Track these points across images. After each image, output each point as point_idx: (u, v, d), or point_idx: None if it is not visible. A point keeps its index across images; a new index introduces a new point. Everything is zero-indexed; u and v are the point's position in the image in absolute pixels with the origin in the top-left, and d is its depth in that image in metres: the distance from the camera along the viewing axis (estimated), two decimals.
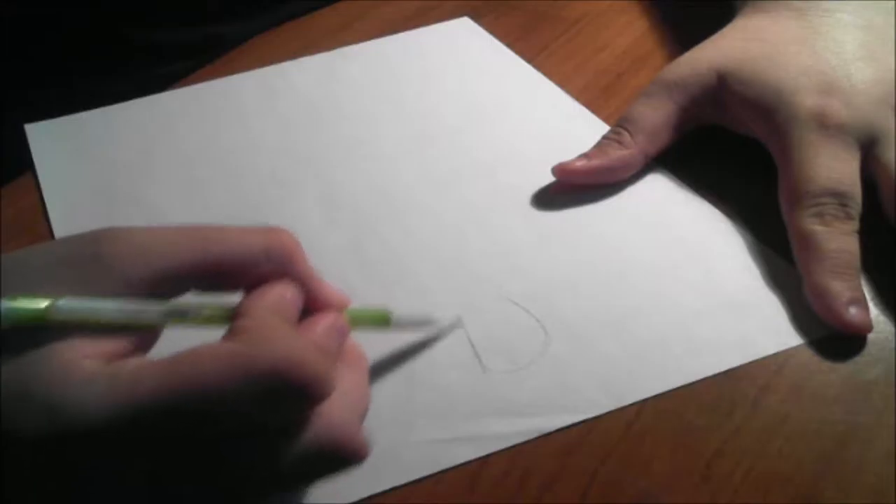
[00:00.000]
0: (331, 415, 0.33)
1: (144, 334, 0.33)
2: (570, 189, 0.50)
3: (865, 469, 0.38)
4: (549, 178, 0.51)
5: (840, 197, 0.44)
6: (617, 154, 0.50)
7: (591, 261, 0.47)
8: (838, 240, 0.44)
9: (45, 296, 0.31)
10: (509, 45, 0.63)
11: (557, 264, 0.47)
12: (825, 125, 0.46)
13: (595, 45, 0.63)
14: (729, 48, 0.51)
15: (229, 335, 0.32)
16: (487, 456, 0.39)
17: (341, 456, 0.33)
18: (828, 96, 0.47)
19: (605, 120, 0.56)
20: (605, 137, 0.51)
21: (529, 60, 0.61)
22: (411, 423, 0.40)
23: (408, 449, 0.39)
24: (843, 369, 0.41)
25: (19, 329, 0.31)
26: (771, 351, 0.42)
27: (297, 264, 0.36)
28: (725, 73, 0.50)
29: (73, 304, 0.31)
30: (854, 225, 0.44)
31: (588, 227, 0.49)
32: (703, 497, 0.37)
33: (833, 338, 0.42)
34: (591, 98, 0.58)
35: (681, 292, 0.45)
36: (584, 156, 0.51)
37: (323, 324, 0.36)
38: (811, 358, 0.42)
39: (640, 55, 0.61)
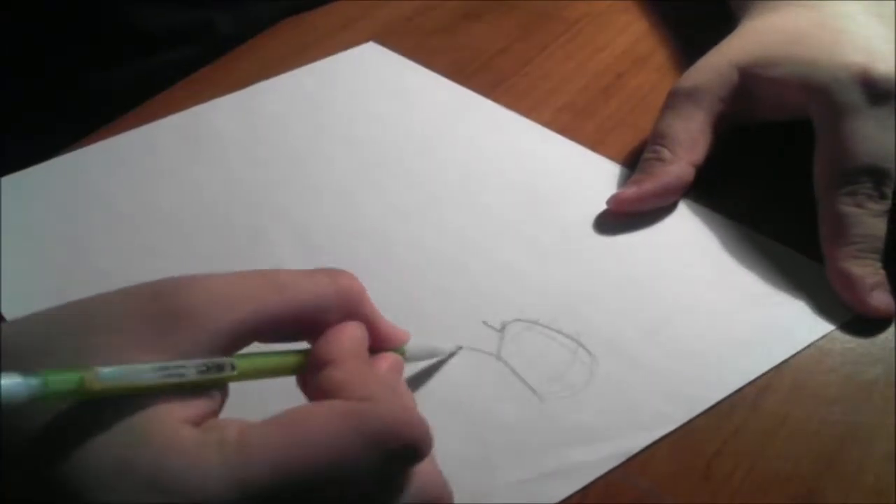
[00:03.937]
0: (425, 470, 0.32)
1: (223, 391, 0.32)
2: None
3: (865, 469, 0.38)
4: (523, 193, 0.50)
5: (877, 175, 0.44)
6: (665, 170, 0.48)
7: (603, 273, 0.46)
8: (867, 223, 0.44)
9: (78, 367, 0.28)
10: (509, 45, 0.63)
11: (571, 282, 0.46)
12: (869, 85, 0.44)
13: (595, 45, 0.63)
14: (746, 44, 0.50)
15: (326, 390, 0.31)
16: None
17: None
18: (869, 55, 0.45)
19: (606, 121, 0.56)
20: (644, 160, 0.50)
21: (530, 60, 0.61)
22: (492, 465, 0.39)
23: (499, 492, 0.38)
24: (843, 369, 0.41)
25: (104, 398, 0.28)
26: (810, 340, 0.43)
27: (365, 306, 0.35)
28: (748, 65, 0.48)
29: (115, 372, 0.28)
30: (886, 205, 0.44)
31: (586, 240, 0.48)
32: (703, 497, 0.37)
33: (834, 338, 0.43)
34: (591, 98, 0.58)
35: (703, 295, 0.45)
36: (633, 182, 0.49)
37: (386, 365, 0.35)
38: (811, 358, 0.42)
39: (640, 55, 0.61)
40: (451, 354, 0.43)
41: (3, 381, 0.26)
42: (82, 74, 0.63)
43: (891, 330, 0.43)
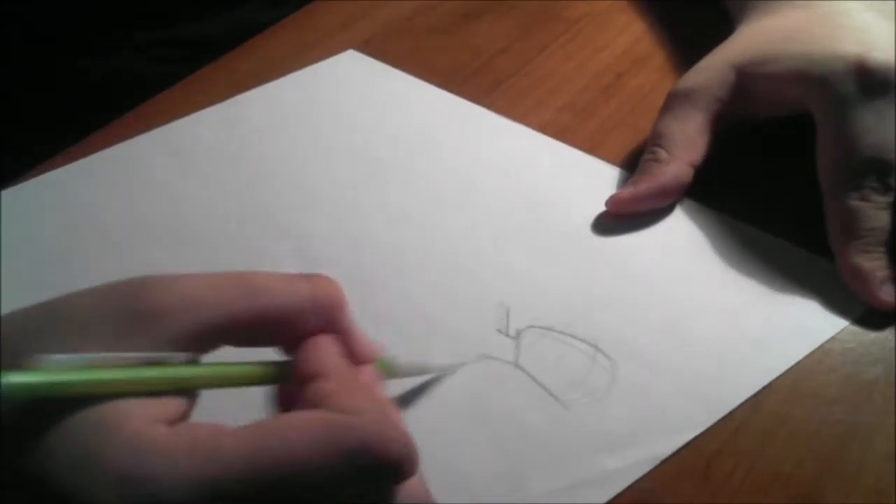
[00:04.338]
0: (411, 487, 0.31)
1: (192, 397, 0.31)
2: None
3: (865, 469, 0.38)
4: (523, 199, 0.50)
5: (881, 167, 0.44)
6: (661, 171, 0.48)
7: (612, 277, 0.46)
8: (874, 217, 0.44)
9: (37, 369, 0.28)
10: (509, 45, 0.63)
11: (581, 286, 0.45)
12: (866, 75, 0.44)
13: (595, 45, 0.63)
14: (742, 45, 0.50)
15: (313, 401, 0.30)
16: None
17: None
18: (865, 46, 0.45)
19: (606, 121, 0.56)
20: (642, 161, 0.50)
21: (530, 60, 0.61)
22: (523, 476, 0.38)
23: (562, 495, 0.38)
24: (843, 369, 0.41)
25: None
26: (826, 336, 0.43)
27: (343, 315, 0.34)
28: (745, 63, 0.48)
29: (62, 360, 0.28)
30: (891, 196, 0.44)
31: (592, 243, 0.48)
32: (703, 497, 0.37)
33: (834, 337, 0.43)
34: (591, 98, 0.58)
35: (716, 295, 0.45)
36: (630, 182, 0.49)
37: (365, 376, 0.34)
38: (811, 358, 0.42)
39: (640, 55, 0.61)
40: (448, 371, 0.42)
41: None
42: (82, 74, 0.63)
43: (891, 330, 0.43)
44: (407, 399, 0.41)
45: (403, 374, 0.39)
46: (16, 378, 0.28)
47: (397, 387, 0.41)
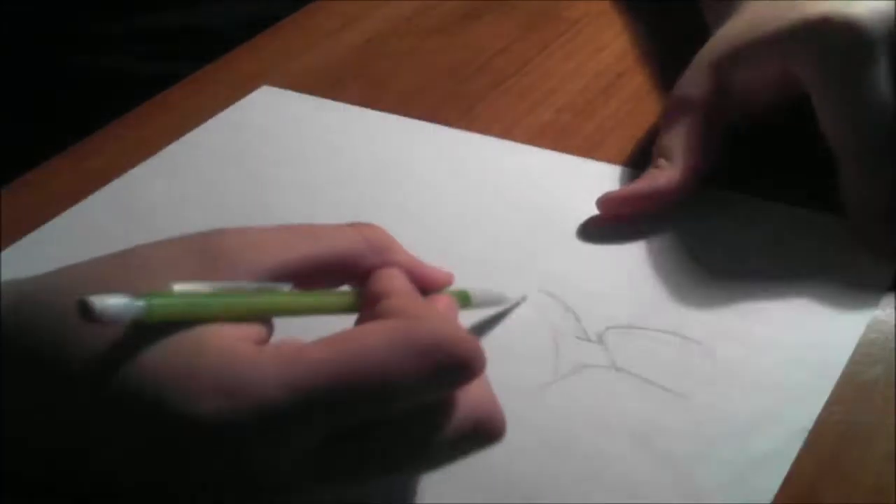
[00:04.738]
0: (477, 392, 0.33)
1: (269, 325, 0.34)
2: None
3: (865, 469, 0.38)
4: (527, 209, 0.50)
5: (888, 129, 0.44)
6: (661, 174, 0.48)
7: (653, 267, 0.46)
8: (882, 186, 0.45)
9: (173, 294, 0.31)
10: (509, 45, 0.63)
11: (636, 283, 0.45)
12: (832, 30, 0.44)
13: (595, 45, 0.63)
14: (715, 44, 0.50)
15: (383, 315, 0.33)
16: None
17: (487, 433, 0.33)
18: (829, 5, 0.45)
19: (606, 121, 0.56)
20: (645, 172, 0.49)
21: (530, 60, 0.61)
22: (686, 476, 0.37)
23: (735, 486, 0.36)
24: (843, 369, 0.41)
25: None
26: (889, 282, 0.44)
27: (397, 252, 0.37)
28: (720, 59, 0.49)
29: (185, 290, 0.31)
30: None
31: (613, 240, 0.48)
32: None
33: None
34: (591, 98, 0.58)
35: (772, 267, 0.45)
36: (629, 184, 0.49)
37: (441, 305, 0.37)
38: None
39: (640, 56, 0.61)
40: (517, 303, 0.44)
41: (112, 301, 0.28)
42: (81, 73, 0.63)
43: (891, 330, 0.43)
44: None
45: (478, 304, 0.41)
46: (158, 300, 0.30)
47: None
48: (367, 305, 0.34)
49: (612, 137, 0.55)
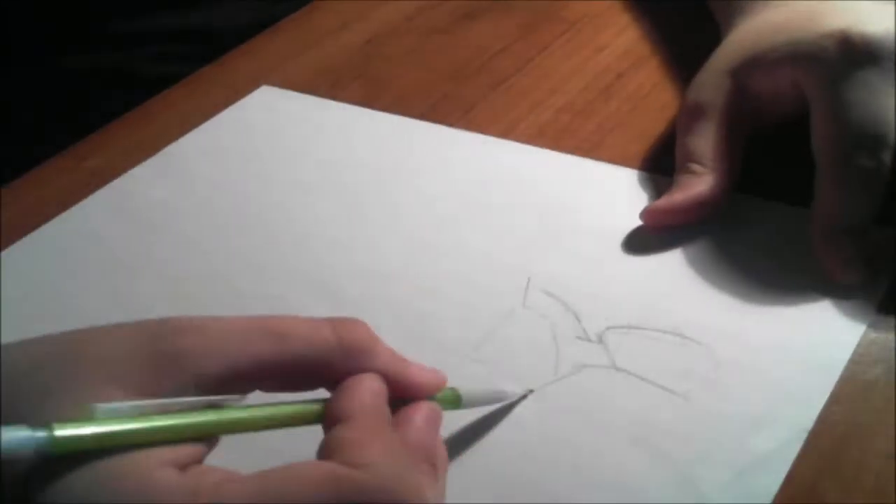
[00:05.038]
0: None
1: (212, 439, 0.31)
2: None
3: (865, 469, 0.38)
4: (529, 210, 0.50)
5: (874, 142, 0.43)
6: (699, 181, 0.47)
7: (657, 268, 0.46)
8: (858, 202, 0.44)
9: (84, 420, 0.28)
10: (509, 45, 0.63)
11: (630, 282, 0.45)
12: (850, 48, 0.44)
13: (595, 45, 0.63)
14: (732, 49, 0.50)
15: (328, 449, 0.30)
16: None
17: None
18: (848, 20, 0.44)
19: (606, 121, 0.56)
20: (677, 178, 0.48)
21: (530, 60, 0.61)
22: (688, 479, 0.37)
23: (736, 486, 0.36)
24: (843, 369, 0.41)
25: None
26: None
27: (377, 356, 0.33)
28: (738, 67, 0.48)
29: (118, 413, 0.28)
30: (883, 177, 0.43)
31: (623, 241, 0.48)
32: None
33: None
34: (591, 98, 0.58)
35: (775, 269, 0.45)
36: (666, 195, 0.48)
37: (419, 416, 0.33)
38: None
39: (640, 56, 0.61)
40: (521, 398, 0.40)
41: (6, 436, 0.26)
42: (80, 72, 0.63)
43: (891, 330, 0.43)
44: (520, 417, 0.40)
45: (470, 404, 0.37)
46: (67, 431, 0.27)
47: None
48: (330, 421, 0.31)
49: (612, 137, 0.55)
